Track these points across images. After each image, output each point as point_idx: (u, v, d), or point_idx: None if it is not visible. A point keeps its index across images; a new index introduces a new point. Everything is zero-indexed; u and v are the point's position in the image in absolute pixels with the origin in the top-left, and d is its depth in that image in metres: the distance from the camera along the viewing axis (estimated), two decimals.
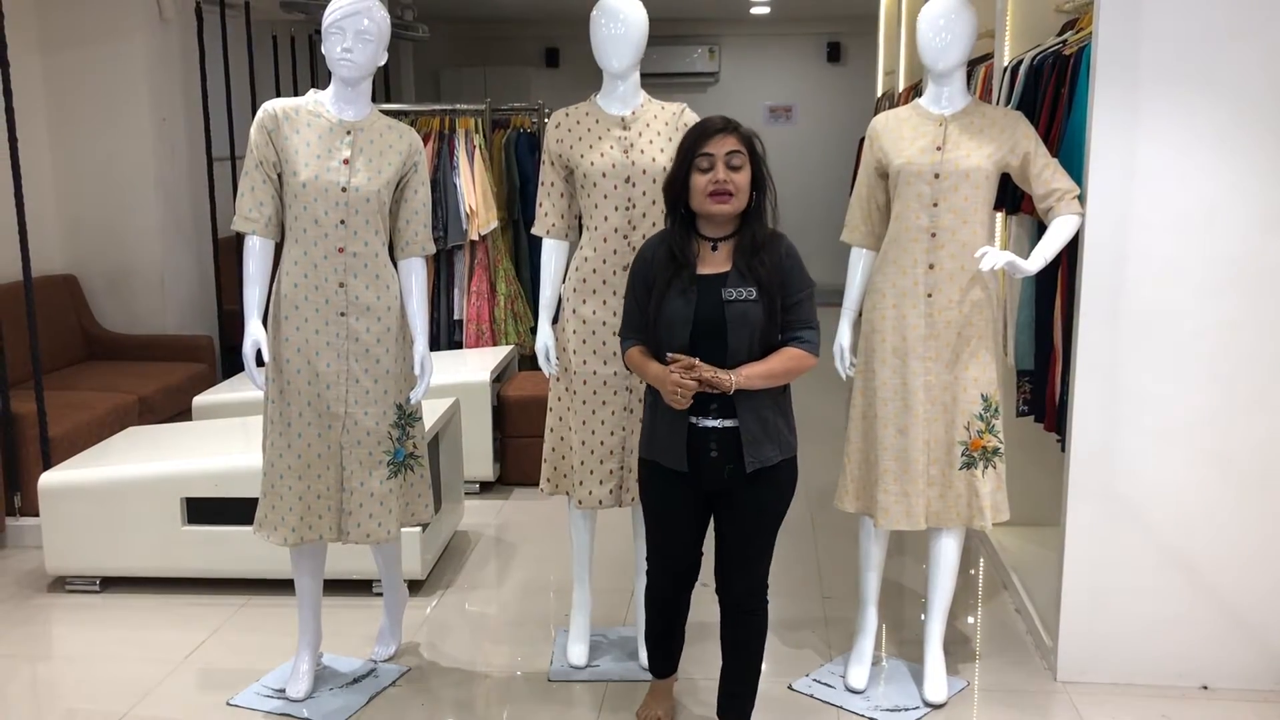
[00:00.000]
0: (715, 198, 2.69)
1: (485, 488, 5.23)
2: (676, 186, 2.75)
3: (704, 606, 3.06)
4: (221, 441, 4.33)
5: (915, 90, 6.26)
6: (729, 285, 2.70)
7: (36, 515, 4.24)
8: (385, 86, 9.05)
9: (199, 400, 5.03)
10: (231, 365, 6.35)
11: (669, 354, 2.67)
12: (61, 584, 4.12)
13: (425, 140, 5.77)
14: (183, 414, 5.38)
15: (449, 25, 10.97)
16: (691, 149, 2.72)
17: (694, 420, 2.73)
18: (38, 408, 4.53)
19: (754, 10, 10.58)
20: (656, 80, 10.95)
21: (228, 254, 6.41)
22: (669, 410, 2.73)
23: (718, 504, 2.83)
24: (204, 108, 6.36)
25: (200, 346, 6.13)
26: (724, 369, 2.65)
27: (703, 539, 2.92)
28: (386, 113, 3.41)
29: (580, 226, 3.35)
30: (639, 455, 2.91)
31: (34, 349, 4.59)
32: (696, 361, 2.62)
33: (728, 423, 2.71)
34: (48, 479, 4.07)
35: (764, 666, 3.47)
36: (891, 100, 7.48)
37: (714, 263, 2.75)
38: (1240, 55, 3.09)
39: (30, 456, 4.55)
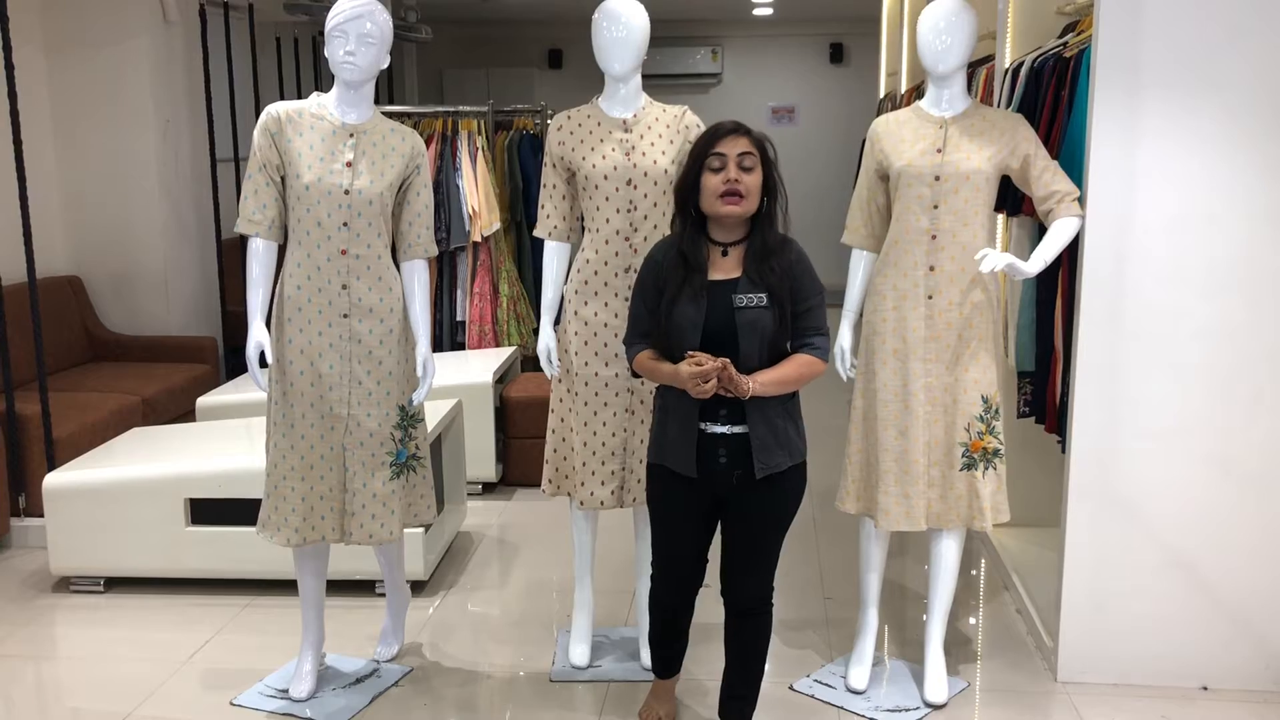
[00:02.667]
0: (726, 199, 2.67)
1: (488, 488, 5.25)
2: (687, 188, 2.74)
3: (707, 607, 3.07)
4: (225, 443, 4.35)
5: (917, 91, 6.26)
6: (740, 292, 2.69)
7: (41, 516, 4.25)
8: (388, 88, 9.07)
9: (202, 401, 5.05)
10: (235, 366, 6.37)
11: (689, 353, 2.64)
12: (66, 584, 4.14)
13: (428, 142, 5.79)
14: (186, 415, 5.40)
15: (452, 27, 10.99)
16: (704, 150, 2.71)
17: (703, 426, 2.71)
18: (42, 409, 4.55)
19: (756, 11, 10.59)
20: (659, 81, 10.99)
21: (231, 255, 6.42)
22: (680, 415, 2.72)
23: (726, 509, 2.83)
24: (208, 109, 6.37)
25: (204, 348, 6.14)
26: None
27: (709, 546, 2.92)
28: (389, 114, 3.42)
29: (582, 228, 3.37)
30: (647, 460, 2.90)
31: (38, 350, 4.61)
32: (727, 362, 2.60)
33: (737, 429, 2.70)
34: (52, 480, 4.09)
35: (767, 666, 3.49)
36: (894, 101, 7.48)
37: (724, 268, 2.74)
38: (1240, 57, 3.09)
39: (35, 457, 4.57)
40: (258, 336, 3.09)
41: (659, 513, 2.89)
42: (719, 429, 2.71)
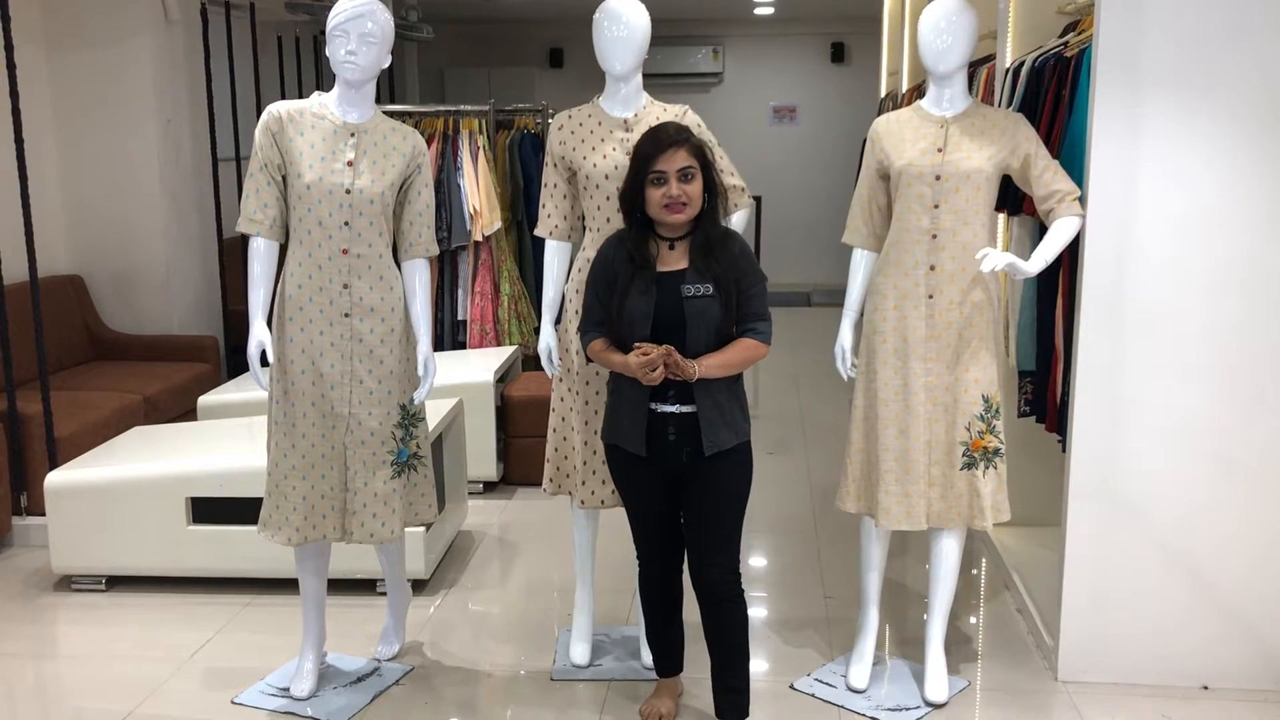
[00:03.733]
0: (670, 209, 2.83)
1: (488, 488, 5.25)
2: (633, 196, 2.88)
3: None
4: (226, 441, 4.35)
5: (918, 91, 6.27)
6: (687, 282, 2.85)
7: (43, 515, 4.25)
8: (390, 87, 9.07)
9: (204, 400, 5.05)
10: (236, 365, 6.38)
11: (636, 344, 2.80)
12: (67, 583, 4.14)
13: (429, 141, 5.79)
14: (188, 414, 5.40)
15: (453, 26, 10.99)
16: (644, 166, 2.84)
17: (653, 406, 2.87)
18: (44, 408, 4.55)
19: (758, 11, 10.59)
20: (660, 81, 10.99)
21: (232, 255, 6.43)
22: (631, 396, 2.88)
23: (681, 490, 2.95)
24: (209, 108, 6.38)
25: (205, 347, 6.14)
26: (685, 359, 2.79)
27: (677, 516, 3.02)
28: (391, 113, 3.43)
29: (583, 228, 3.37)
30: (604, 441, 3.04)
31: (40, 349, 4.61)
32: (671, 349, 2.75)
33: (685, 408, 2.86)
34: (54, 479, 4.09)
35: (765, 666, 3.50)
36: (895, 101, 7.48)
37: (671, 260, 2.90)
38: (1241, 56, 3.09)
39: (36, 456, 4.57)
40: (259, 335, 3.09)
41: (622, 489, 3.07)
42: (668, 408, 2.87)
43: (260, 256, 3.14)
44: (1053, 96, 3.62)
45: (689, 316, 2.82)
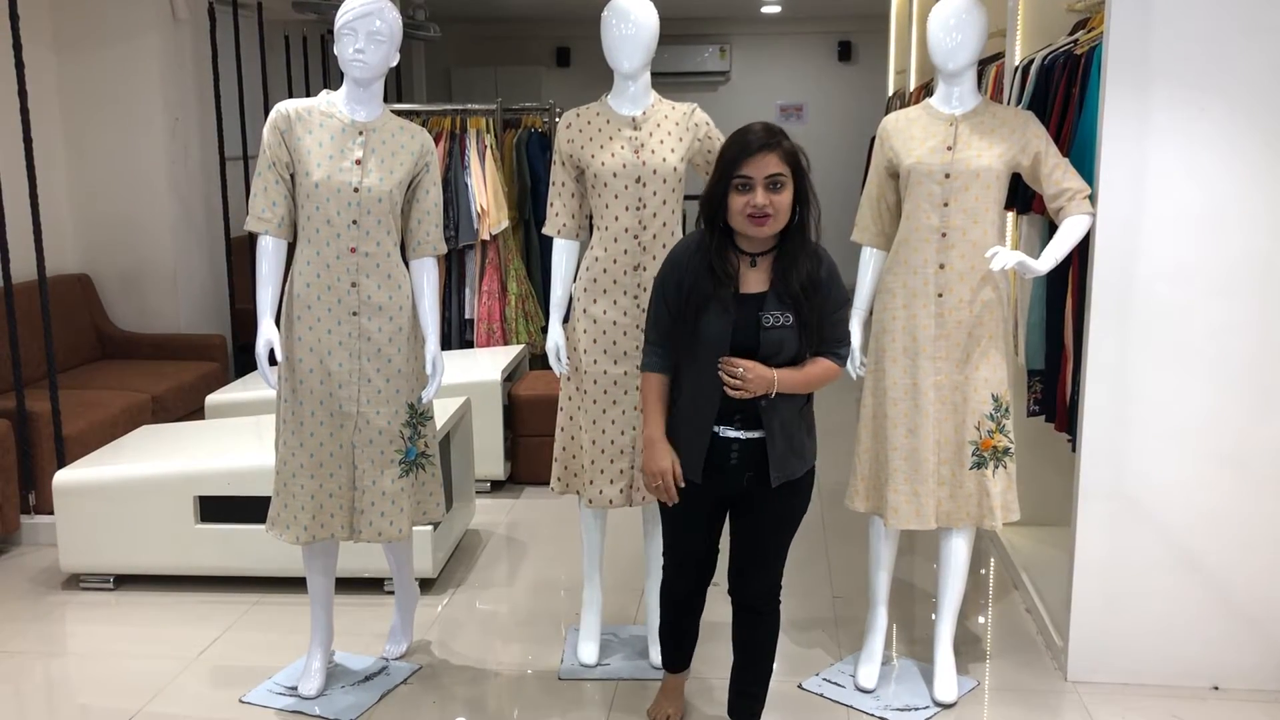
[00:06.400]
0: (754, 220, 2.59)
1: (496, 486, 5.25)
2: (715, 202, 2.65)
3: (716, 605, 3.06)
4: (234, 440, 4.35)
5: (926, 89, 6.25)
6: (766, 309, 2.63)
7: (51, 513, 4.26)
8: (397, 86, 9.07)
9: (211, 399, 5.05)
10: (244, 364, 6.38)
11: (723, 360, 2.62)
12: (75, 581, 4.14)
13: (436, 140, 5.79)
14: (195, 413, 5.40)
15: (460, 25, 10.98)
16: (729, 169, 2.60)
17: (717, 429, 2.69)
18: (52, 406, 4.56)
19: (765, 9, 10.57)
20: (667, 79, 10.97)
21: (240, 253, 6.43)
22: (692, 418, 2.70)
23: (736, 507, 2.82)
24: (217, 107, 6.38)
25: (213, 345, 6.15)
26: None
27: (719, 538, 2.92)
28: (398, 112, 3.42)
29: (591, 226, 3.36)
30: None
31: (49, 348, 4.62)
32: (756, 364, 2.60)
33: (752, 434, 2.68)
34: (62, 477, 4.09)
35: (776, 665, 3.49)
36: (903, 99, 7.46)
37: (752, 281, 2.67)
38: (1252, 54, 3.08)
39: (44, 455, 4.58)
40: (267, 334, 3.09)
41: (667, 510, 2.86)
42: (733, 433, 2.69)
43: (268, 255, 3.13)
44: (1062, 94, 3.60)
45: (764, 346, 2.61)
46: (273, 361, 3.12)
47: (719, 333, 2.63)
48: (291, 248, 3.18)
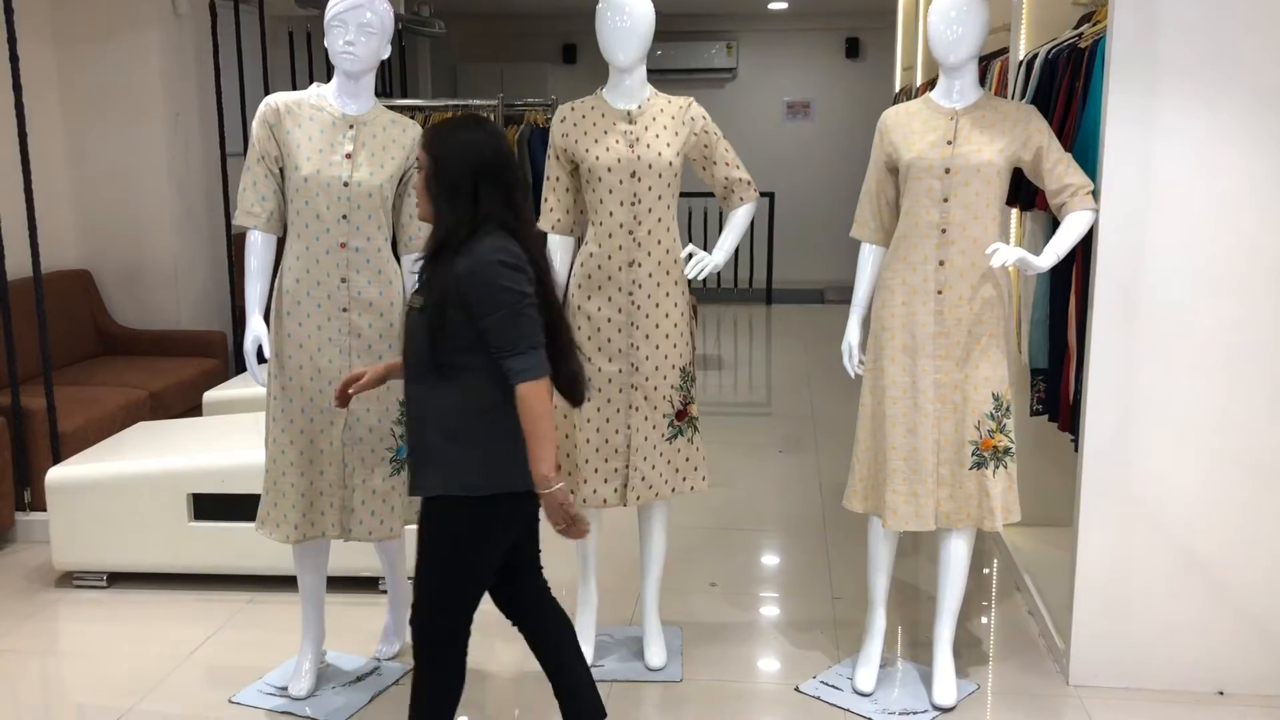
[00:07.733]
0: None
1: None
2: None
3: (711, 608, 3.02)
4: (229, 437, 4.32)
5: (932, 85, 6.22)
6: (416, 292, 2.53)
7: (45, 510, 4.24)
8: (402, 82, 9.03)
9: (209, 396, 5.03)
10: (243, 360, 6.35)
11: None
12: (69, 579, 4.12)
13: None
14: (194, 409, 5.38)
15: (466, 21, 10.97)
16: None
17: None
18: (47, 403, 4.53)
19: (772, 6, 10.53)
20: (674, 76, 10.95)
21: (240, 249, 6.37)
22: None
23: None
24: (218, 102, 6.36)
25: (213, 342, 6.13)
26: None
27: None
28: (401, 108, 3.38)
29: (586, 221, 3.32)
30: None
31: (43, 344, 4.59)
32: None
33: None
34: (55, 474, 4.07)
35: (771, 668, 3.46)
36: (909, 95, 7.41)
37: None
38: (1258, 47, 3.03)
39: (41, 452, 4.55)
40: (255, 330, 3.06)
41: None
42: None
43: (257, 250, 3.11)
44: (1066, 88, 3.55)
45: (408, 332, 2.59)
46: (262, 358, 3.08)
47: None
48: (281, 243, 3.15)
